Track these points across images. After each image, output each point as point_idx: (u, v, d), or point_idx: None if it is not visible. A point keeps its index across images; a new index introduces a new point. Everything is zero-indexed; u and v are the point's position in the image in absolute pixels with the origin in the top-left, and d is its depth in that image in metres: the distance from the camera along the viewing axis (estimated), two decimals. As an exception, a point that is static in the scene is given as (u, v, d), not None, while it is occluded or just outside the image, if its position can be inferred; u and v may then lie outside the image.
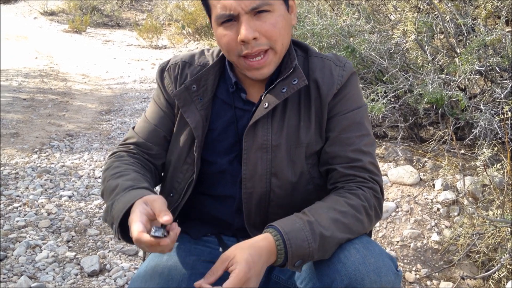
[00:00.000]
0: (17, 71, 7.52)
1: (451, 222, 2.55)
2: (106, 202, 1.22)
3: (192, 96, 1.32)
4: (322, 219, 1.12)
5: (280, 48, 1.23)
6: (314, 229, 1.10)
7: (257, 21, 1.17)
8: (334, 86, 1.27)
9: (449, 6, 3.01)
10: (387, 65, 3.07)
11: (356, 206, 1.18)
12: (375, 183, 1.25)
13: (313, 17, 3.29)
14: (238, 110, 1.33)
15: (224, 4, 1.17)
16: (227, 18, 1.18)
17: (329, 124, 1.28)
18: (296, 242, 1.07)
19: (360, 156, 1.25)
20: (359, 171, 1.24)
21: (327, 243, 1.11)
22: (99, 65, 8.43)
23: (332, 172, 1.27)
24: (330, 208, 1.16)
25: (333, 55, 1.34)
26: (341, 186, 1.24)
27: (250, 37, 1.16)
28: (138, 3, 13.95)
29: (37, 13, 13.88)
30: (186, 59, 1.39)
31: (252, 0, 1.15)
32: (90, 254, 2.57)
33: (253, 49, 1.19)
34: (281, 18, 1.20)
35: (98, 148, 4.27)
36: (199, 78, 1.33)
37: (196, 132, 1.29)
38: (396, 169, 2.89)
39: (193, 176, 1.31)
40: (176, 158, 1.35)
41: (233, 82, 1.33)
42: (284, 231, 1.09)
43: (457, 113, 2.92)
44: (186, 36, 10.01)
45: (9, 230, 2.73)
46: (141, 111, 5.61)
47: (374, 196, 1.23)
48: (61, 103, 5.83)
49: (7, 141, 4.30)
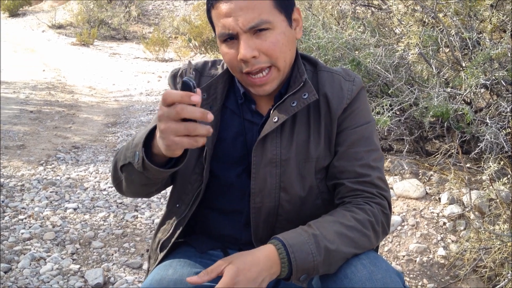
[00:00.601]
0: (24, 83, 7.59)
1: (457, 236, 2.53)
2: (120, 158, 1.22)
3: (202, 104, 1.32)
4: (328, 233, 1.12)
5: (282, 64, 1.23)
6: (319, 242, 1.09)
7: (256, 40, 1.18)
8: (344, 101, 1.27)
9: (454, 20, 3.02)
10: (393, 78, 3.07)
11: (362, 221, 1.17)
12: (383, 198, 1.24)
13: (318, 30, 3.30)
14: (246, 121, 1.33)
15: (223, 23, 1.18)
16: (228, 37, 1.19)
17: (338, 139, 1.28)
18: (301, 255, 1.07)
19: (368, 171, 1.25)
20: (367, 186, 1.24)
21: (332, 257, 1.10)
22: (106, 77, 8.49)
23: (340, 186, 1.26)
24: (336, 222, 1.15)
25: (342, 70, 1.34)
26: (348, 201, 1.24)
27: (248, 56, 1.17)
28: (145, 17, 14.08)
29: (45, 26, 14.04)
30: (198, 68, 1.39)
31: (250, 19, 1.16)
32: (94, 266, 2.57)
33: (253, 67, 1.19)
34: (282, 36, 1.20)
35: (103, 160, 4.29)
36: (209, 86, 1.33)
37: (206, 140, 1.29)
38: (401, 182, 2.87)
39: (201, 187, 1.30)
40: (184, 168, 1.34)
41: (241, 93, 1.33)
42: (288, 243, 1.08)
43: (463, 126, 2.91)
44: (193, 49, 10.07)
45: (14, 242, 2.73)
46: (147, 123, 5.63)
47: (382, 212, 1.22)
48: (67, 116, 5.86)
49: (14, 153, 4.32)
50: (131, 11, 13.58)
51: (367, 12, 4.15)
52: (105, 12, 13.39)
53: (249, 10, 1.15)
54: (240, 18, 1.15)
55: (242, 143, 1.32)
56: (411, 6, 3.33)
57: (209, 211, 1.37)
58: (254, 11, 1.16)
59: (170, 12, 13.36)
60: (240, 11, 1.15)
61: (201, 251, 1.39)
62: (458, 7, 3.01)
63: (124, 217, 3.14)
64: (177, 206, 1.35)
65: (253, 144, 1.28)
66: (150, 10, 14.34)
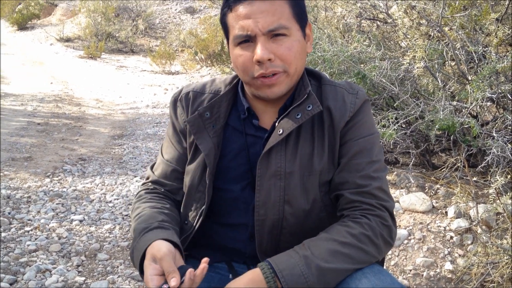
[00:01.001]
0: (32, 96, 7.65)
1: (464, 250, 2.51)
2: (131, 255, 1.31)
3: (205, 123, 1.33)
4: (321, 252, 1.13)
5: (293, 71, 1.24)
6: (309, 263, 1.10)
7: (273, 44, 1.20)
8: (346, 114, 1.27)
9: (460, 33, 3.03)
10: (398, 92, 3.08)
11: (357, 235, 1.16)
12: (383, 209, 1.23)
13: (324, 43, 3.32)
14: (249, 137, 1.34)
15: (242, 25, 1.20)
16: (245, 39, 1.21)
17: (341, 151, 1.28)
18: (292, 278, 1.08)
19: (368, 181, 1.24)
20: (365, 197, 1.23)
21: (328, 274, 1.10)
22: (113, 90, 8.55)
23: (340, 198, 1.27)
24: (329, 239, 1.16)
25: (346, 83, 1.35)
26: (346, 214, 1.24)
27: (265, 57, 1.19)
28: (152, 30, 14.20)
29: (53, 40, 14.19)
30: (197, 89, 1.41)
31: (270, 23, 1.18)
32: (99, 279, 2.56)
33: (267, 70, 1.21)
34: (297, 43, 1.23)
35: (110, 172, 4.30)
36: (212, 105, 1.34)
37: (208, 159, 1.30)
38: (408, 196, 2.86)
39: (205, 204, 1.32)
40: (189, 186, 1.36)
41: (245, 108, 1.34)
42: (278, 268, 1.10)
43: (469, 140, 2.90)
44: (199, 62, 10.13)
45: (20, 254, 2.74)
46: (153, 135, 5.65)
47: (381, 224, 1.21)
48: (74, 128, 5.90)
49: (21, 165, 4.35)
50: (138, 24, 13.71)
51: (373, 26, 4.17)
52: (113, 25, 13.53)
53: (269, 13, 1.18)
54: (260, 20, 1.18)
55: (245, 158, 1.33)
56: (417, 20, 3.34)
57: (214, 225, 1.38)
58: (274, 15, 1.18)
59: (177, 26, 13.48)
60: (261, 13, 1.18)
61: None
62: (464, 21, 3.02)
63: (129, 229, 3.14)
64: (185, 223, 1.38)
65: (256, 158, 1.29)
66: (157, 23, 14.47)
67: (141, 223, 1.28)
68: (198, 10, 14.15)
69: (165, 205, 1.38)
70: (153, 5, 14.99)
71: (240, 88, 1.37)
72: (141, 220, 1.30)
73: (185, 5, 14.66)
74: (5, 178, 3.96)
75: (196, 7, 14.30)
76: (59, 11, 17.21)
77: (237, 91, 1.38)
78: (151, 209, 1.34)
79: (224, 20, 1.27)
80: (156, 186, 1.45)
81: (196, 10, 14.24)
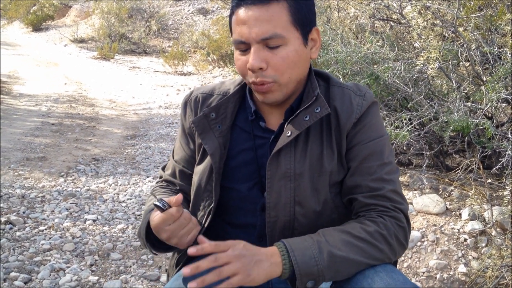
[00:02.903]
0: (46, 96, 7.73)
1: (478, 253, 2.48)
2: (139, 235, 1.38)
3: (210, 123, 1.34)
4: (334, 240, 1.15)
5: (286, 81, 1.23)
6: (322, 248, 1.12)
7: (268, 52, 1.19)
8: (352, 115, 1.27)
9: (475, 34, 3.00)
10: (412, 93, 3.06)
11: (372, 233, 1.17)
12: (398, 211, 1.23)
13: (337, 44, 3.31)
14: (257, 138, 1.34)
15: (239, 30, 1.20)
16: (241, 44, 1.21)
17: (350, 154, 1.28)
18: (303, 259, 1.10)
19: (381, 184, 1.24)
20: (380, 200, 1.23)
21: (338, 262, 1.12)
22: (126, 91, 8.60)
23: (354, 202, 1.27)
24: (344, 231, 1.17)
25: (354, 85, 1.34)
26: (362, 215, 1.24)
27: (255, 67, 1.19)
28: (165, 31, 14.27)
29: (68, 41, 14.32)
30: (207, 91, 1.42)
31: (264, 31, 1.17)
32: (112, 278, 2.58)
33: (257, 78, 1.21)
34: (293, 53, 1.21)
35: (123, 172, 4.33)
36: (218, 106, 1.35)
37: (213, 158, 1.31)
38: (421, 197, 2.84)
39: (213, 203, 1.33)
40: (197, 186, 1.37)
41: (252, 110, 1.34)
42: (291, 247, 1.12)
43: (484, 141, 2.87)
44: (211, 63, 10.16)
45: (34, 253, 2.77)
46: (165, 136, 5.68)
47: (396, 225, 1.21)
48: (88, 128, 5.95)
49: (35, 164, 4.40)
50: (151, 25, 13.78)
51: (386, 27, 4.15)
52: (126, 26, 13.62)
53: (264, 21, 1.17)
54: (254, 28, 1.17)
55: (253, 158, 1.33)
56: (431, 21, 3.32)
57: (223, 224, 1.39)
58: (269, 24, 1.17)
59: (189, 27, 13.52)
60: (256, 21, 1.17)
61: None
62: (479, 22, 2.99)
63: (142, 229, 3.15)
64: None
65: (263, 159, 1.30)
66: (170, 24, 14.54)
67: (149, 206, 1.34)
68: (211, 11, 14.19)
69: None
70: (166, 6, 15.06)
71: (248, 89, 1.37)
72: (149, 204, 1.37)
73: (198, 6, 14.70)
74: (20, 178, 4.00)
75: (208, 8, 14.33)
76: (73, 13, 17.36)
77: (245, 93, 1.38)
78: (162, 194, 1.41)
79: (230, 21, 1.28)
80: (168, 184, 1.48)
81: (208, 11, 14.27)
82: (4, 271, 2.52)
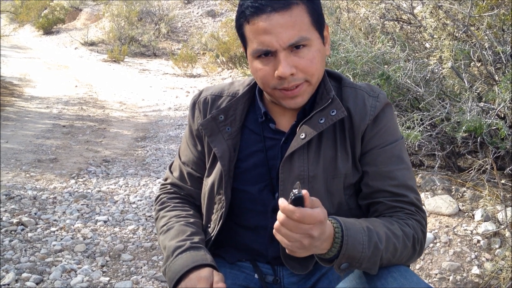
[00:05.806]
0: (57, 98, 7.78)
1: (492, 254, 2.45)
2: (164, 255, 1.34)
3: (219, 126, 1.33)
4: (379, 232, 1.11)
5: (315, 81, 1.23)
6: (371, 237, 1.09)
7: (294, 57, 1.17)
8: (367, 117, 1.25)
9: (487, 33, 2.97)
10: (423, 93, 3.03)
11: (407, 233, 1.17)
12: (421, 217, 1.23)
13: (347, 44, 3.29)
14: (267, 139, 1.33)
15: (262, 40, 1.16)
16: (263, 53, 1.18)
17: (367, 158, 1.26)
18: (353, 242, 1.06)
19: (406, 191, 1.24)
20: (405, 204, 1.23)
21: (377, 256, 1.09)
22: (136, 93, 8.64)
23: (377, 205, 1.25)
24: (384, 225, 1.15)
25: (367, 85, 1.33)
26: (389, 215, 1.22)
27: (288, 74, 1.16)
28: (174, 34, 14.32)
29: (78, 44, 14.42)
30: (216, 92, 1.41)
31: (291, 36, 1.15)
32: (123, 279, 2.58)
33: (289, 84, 1.19)
34: (317, 53, 1.20)
35: (133, 174, 4.34)
36: (227, 108, 1.34)
37: (222, 161, 1.30)
38: (433, 198, 2.82)
39: (225, 206, 1.32)
40: (209, 189, 1.37)
41: (262, 112, 1.33)
42: (346, 226, 1.06)
43: (497, 142, 2.83)
44: (220, 65, 10.18)
45: (46, 254, 2.78)
46: (175, 137, 5.69)
47: (420, 230, 1.21)
48: (98, 130, 5.98)
49: (47, 166, 4.42)
50: (161, 28, 13.84)
51: (396, 27, 4.12)
52: (136, 29, 13.69)
53: (289, 27, 1.15)
54: (280, 35, 1.15)
55: (264, 160, 1.32)
56: (442, 20, 3.29)
57: (235, 226, 1.38)
58: (294, 28, 1.15)
59: (199, 29, 13.56)
60: (280, 28, 1.14)
61: (231, 262, 1.40)
62: (491, 21, 2.96)
63: (153, 230, 3.16)
64: (208, 226, 1.39)
65: (274, 161, 1.29)
66: (179, 27, 14.58)
67: (172, 239, 1.30)
68: (220, 13, 14.21)
69: (189, 212, 1.40)
70: (175, 9, 15.11)
71: (258, 91, 1.36)
72: (171, 236, 1.31)
73: (207, 9, 14.74)
74: (32, 179, 4.03)
75: (217, 11, 14.36)
76: (83, 16, 17.50)
77: (255, 94, 1.37)
78: (177, 219, 1.36)
79: (242, 31, 1.23)
80: (175, 189, 1.47)
81: (217, 14, 14.30)
82: (16, 272, 2.54)
